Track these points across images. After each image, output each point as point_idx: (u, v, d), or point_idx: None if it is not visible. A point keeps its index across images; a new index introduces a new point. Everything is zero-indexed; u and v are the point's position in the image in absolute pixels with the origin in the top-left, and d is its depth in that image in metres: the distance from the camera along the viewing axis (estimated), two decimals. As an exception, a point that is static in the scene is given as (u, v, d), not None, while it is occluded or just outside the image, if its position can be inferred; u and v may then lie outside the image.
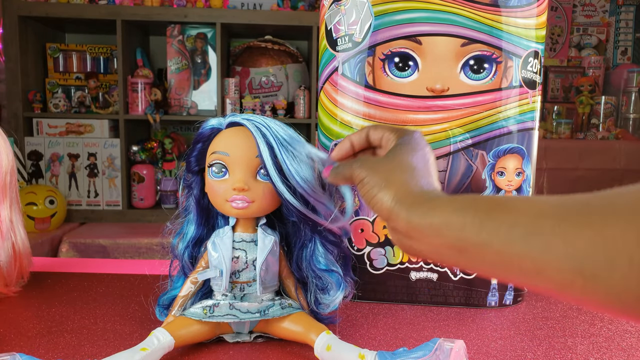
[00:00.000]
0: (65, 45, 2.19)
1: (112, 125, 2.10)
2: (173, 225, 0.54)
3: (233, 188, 0.48)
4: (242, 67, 2.14)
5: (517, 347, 0.52)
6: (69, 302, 0.62)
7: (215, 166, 0.49)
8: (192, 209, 0.53)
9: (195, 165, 0.52)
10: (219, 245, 0.50)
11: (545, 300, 0.66)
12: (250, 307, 0.50)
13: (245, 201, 0.49)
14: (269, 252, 0.50)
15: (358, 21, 0.61)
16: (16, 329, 0.54)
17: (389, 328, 0.57)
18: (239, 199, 0.49)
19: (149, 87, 2.05)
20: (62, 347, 0.50)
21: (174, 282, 0.54)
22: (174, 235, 0.54)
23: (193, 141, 0.52)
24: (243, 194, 0.49)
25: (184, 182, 0.54)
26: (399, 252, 0.63)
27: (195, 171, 0.52)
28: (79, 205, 2.09)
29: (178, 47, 2.08)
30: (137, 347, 0.45)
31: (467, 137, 0.60)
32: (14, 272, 0.62)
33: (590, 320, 0.60)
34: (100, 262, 0.81)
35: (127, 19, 1.97)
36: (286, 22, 2.01)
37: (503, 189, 0.61)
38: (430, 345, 0.42)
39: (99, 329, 0.54)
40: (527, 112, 0.61)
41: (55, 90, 2.11)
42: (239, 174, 0.49)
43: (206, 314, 0.50)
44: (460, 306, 0.63)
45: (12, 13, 1.92)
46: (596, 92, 2.46)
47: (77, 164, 2.07)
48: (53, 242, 1.87)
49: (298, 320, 0.50)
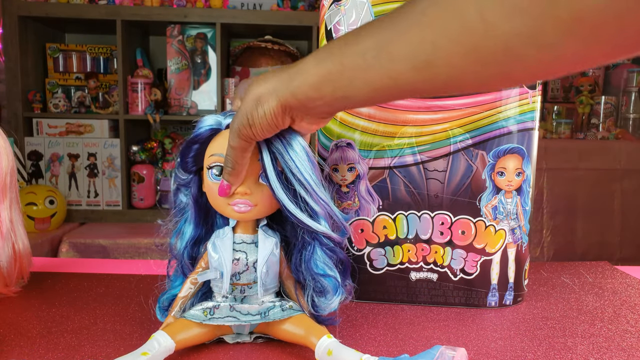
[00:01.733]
0: (65, 45, 2.19)
1: (112, 125, 2.10)
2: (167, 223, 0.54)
3: (235, 192, 0.48)
4: (242, 67, 2.14)
5: (517, 347, 0.52)
6: (69, 303, 0.61)
7: (215, 168, 0.49)
8: (189, 208, 0.52)
9: (192, 166, 0.51)
10: (219, 246, 0.50)
11: (545, 301, 0.66)
12: (251, 309, 0.50)
13: (248, 205, 0.49)
14: (270, 254, 0.50)
15: (358, 21, 0.61)
16: (16, 329, 0.54)
17: (388, 328, 0.57)
18: (241, 202, 0.48)
19: (149, 87, 2.05)
20: (62, 348, 0.50)
21: (172, 282, 0.54)
22: (171, 234, 0.53)
23: (189, 141, 0.50)
24: (246, 197, 0.48)
25: (178, 181, 0.52)
26: (399, 253, 0.63)
27: (193, 171, 0.52)
28: (78, 206, 2.09)
29: (178, 47, 2.08)
30: (137, 351, 0.45)
31: (467, 137, 0.60)
32: (14, 272, 0.62)
33: (591, 321, 0.60)
34: (100, 262, 0.81)
35: (127, 19, 1.97)
36: (286, 22, 2.01)
37: (503, 189, 0.61)
38: (432, 353, 0.42)
39: (99, 329, 0.54)
40: (527, 112, 0.61)
41: (55, 90, 2.11)
42: None
43: (206, 315, 0.49)
44: (460, 306, 0.63)
45: (12, 13, 1.92)
46: (596, 92, 2.46)
47: (77, 164, 2.07)
48: (53, 242, 1.87)
49: (299, 323, 0.50)
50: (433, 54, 0.32)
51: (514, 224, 0.62)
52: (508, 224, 0.62)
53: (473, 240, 0.62)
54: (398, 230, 0.63)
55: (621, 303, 0.66)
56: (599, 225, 1.94)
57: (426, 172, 0.61)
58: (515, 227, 0.62)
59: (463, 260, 0.62)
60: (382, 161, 0.61)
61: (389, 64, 0.34)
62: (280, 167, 0.48)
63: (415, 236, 0.62)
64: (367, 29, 0.36)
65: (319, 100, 0.40)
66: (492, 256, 0.62)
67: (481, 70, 0.31)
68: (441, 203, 0.62)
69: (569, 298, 0.67)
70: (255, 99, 0.42)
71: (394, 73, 0.34)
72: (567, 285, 0.72)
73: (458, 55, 0.31)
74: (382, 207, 0.62)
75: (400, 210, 0.62)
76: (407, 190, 0.62)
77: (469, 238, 0.62)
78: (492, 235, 0.62)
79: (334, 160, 0.62)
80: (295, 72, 0.40)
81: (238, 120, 0.43)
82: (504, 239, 0.62)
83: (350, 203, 0.63)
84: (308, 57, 0.40)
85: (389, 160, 0.61)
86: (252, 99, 0.42)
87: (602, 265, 0.82)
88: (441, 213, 0.62)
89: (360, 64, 0.36)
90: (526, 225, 0.63)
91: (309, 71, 0.39)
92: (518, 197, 0.61)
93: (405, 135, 0.61)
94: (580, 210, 1.94)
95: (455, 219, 0.62)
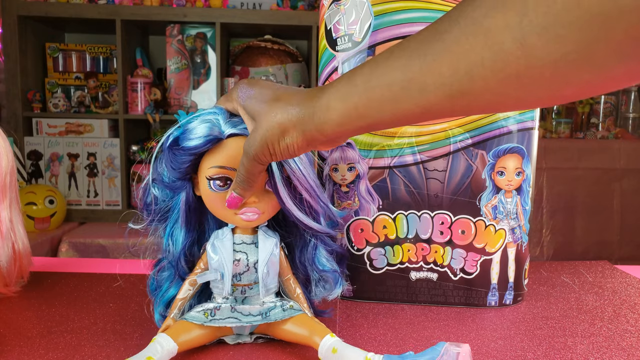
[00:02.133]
0: (65, 45, 2.19)
1: (112, 125, 2.10)
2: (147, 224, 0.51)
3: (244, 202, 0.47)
4: (242, 66, 2.14)
5: (517, 347, 0.52)
6: (69, 302, 0.61)
7: (219, 180, 0.47)
8: (181, 213, 0.50)
9: (184, 175, 0.49)
10: (219, 247, 0.49)
11: (545, 300, 0.66)
12: (252, 310, 0.50)
13: (256, 213, 0.48)
14: (271, 254, 0.50)
15: (358, 21, 0.60)
16: (16, 329, 0.54)
17: (389, 328, 0.56)
18: (250, 211, 0.48)
19: (149, 87, 2.04)
20: (62, 348, 0.50)
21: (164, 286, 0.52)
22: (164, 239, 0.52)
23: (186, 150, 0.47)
24: (254, 206, 0.48)
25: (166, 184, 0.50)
26: (398, 252, 0.63)
27: (187, 178, 0.50)
28: (78, 205, 2.09)
29: (177, 47, 2.07)
30: (141, 355, 0.45)
31: (467, 137, 0.60)
32: (14, 272, 0.62)
33: (590, 320, 0.60)
34: (100, 262, 0.81)
35: (126, 19, 1.97)
36: (286, 21, 2.01)
37: (503, 189, 0.61)
38: (438, 350, 0.42)
39: (99, 329, 0.54)
40: (526, 112, 0.60)
41: (55, 90, 2.11)
42: None
43: (207, 317, 0.49)
44: (460, 306, 0.63)
45: (12, 13, 1.92)
46: (595, 91, 2.45)
47: (76, 163, 2.07)
48: (53, 242, 1.87)
49: (301, 323, 0.50)
50: (469, 84, 0.30)
51: (514, 224, 0.62)
52: (508, 223, 0.62)
53: (473, 239, 0.62)
54: (398, 230, 0.63)
55: (621, 302, 0.66)
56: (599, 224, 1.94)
57: (426, 172, 0.61)
58: (515, 226, 0.62)
59: (463, 259, 0.62)
60: (382, 161, 0.61)
61: (419, 95, 0.32)
62: (286, 173, 0.47)
63: (415, 236, 0.62)
64: (393, 57, 0.34)
65: (345, 133, 0.39)
66: (492, 256, 0.62)
67: (525, 94, 0.29)
68: (441, 203, 0.61)
69: (569, 297, 0.67)
70: (278, 130, 0.40)
71: (425, 103, 0.32)
72: (567, 285, 0.72)
73: (497, 83, 0.29)
74: (382, 207, 0.62)
75: (400, 210, 0.62)
76: (407, 190, 0.62)
77: (469, 238, 0.62)
78: (492, 234, 0.62)
79: (333, 159, 0.62)
80: (319, 107, 0.38)
81: (257, 147, 0.41)
82: (503, 238, 0.62)
83: (350, 203, 0.63)
84: (330, 90, 0.38)
85: (389, 160, 0.61)
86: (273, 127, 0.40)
87: (602, 265, 0.82)
88: (441, 213, 0.62)
89: (388, 97, 0.34)
90: (526, 225, 0.63)
91: (334, 107, 0.37)
92: (518, 197, 0.61)
93: (405, 135, 0.61)
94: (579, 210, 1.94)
95: (455, 219, 0.62)
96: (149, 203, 0.51)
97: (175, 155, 0.48)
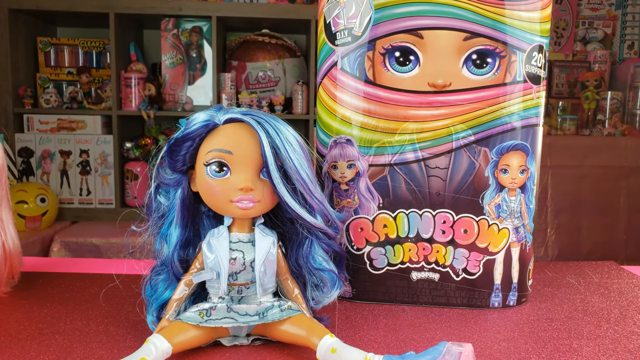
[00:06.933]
0: (57, 39, 2.16)
1: (105, 122, 2.08)
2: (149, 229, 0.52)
3: (240, 188, 0.47)
4: (239, 61, 2.12)
5: (521, 349, 0.51)
6: (61, 303, 0.60)
7: (215, 164, 0.47)
8: (174, 210, 0.51)
9: (182, 165, 0.49)
10: (215, 246, 0.48)
11: (549, 301, 0.65)
12: (249, 310, 0.49)
13: (252, 201, 0.48)
14: (268, 253, 0.49)
15: (357, 14, 0.59)
16: (6, 331, 0.53)
17: (389, 329, 0.56)
18: (246, 199, 0.47)
19: (143, 82, 2.02)
20: (54, 350, 0.49)
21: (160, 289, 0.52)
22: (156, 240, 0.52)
23: (180, 138, 0.48)
24: (250, 193, 0.47)
25: (165, 181, 0.51)
26: (399, 252, 0.62)
27: (182, 170, 0.50)
28: (70, 204, 2.07)
29: (173, 41, 2.05)
30: (135, 356, 0.44)
31: (470, 134, 0.59)
32: (4, 272, 0.61)
33: (596, 322, 0.59)
34: (93, 262, 0.80)
35: (120, 12, 1.95)
36: (284, 15, 1.99)
37: (506, 187, 0.60)
38: (439, 349, 0.42)
39: (92, 330, 0.53)
40: (531, 108, 0.60)
41: (47, 85, 2.08)
42: (246, 173, 0.47)
43: (203, 317, 0.48)
44: (462, 307, 0.62)
45: (2, 6, 1.90)
46: (602, 87, 2.44)
47: (68, 161, 2.05)
48: (44, 242, 1.85)
49: (299, 323, 0.49)
50: None
51: (518, 223, 0.61)
52: (511, 222, 0.60)
53: (476, 239, 0.61)
54: (399, 229, 0.61)
55: (628, 304, 0.65)
56: (605, 223, 1.93)
57: (427, 170, 0.60)
58: (519, 225, 0.61)
59: (465, 259, 0.61)
60: (383, 158, 0.60)
61: None
62: (280, 162, 0.47)
63: (416, 235, 0.61)
64: None
65: None
66: (495, 255, 0.61)
67: None
68: (443, 201, 0.60)
69: (574, 299, 0.66)
70: None
71: None
72: (572, 286, 0.71)
73: None
74: (383, 205, 0.61)
75: (401, 209, 0.61)
76: (408, 188, 0.61)
77: (472, 237, 0.61)
78: (495, 234, 0.60)
79: (333, 157, 0.61)
80: None
81: None
82: (507, 238, 0.61)
83: (350, 201, 0.62)
84: None
85: (390, 157, 0.60)
86: None
87: (608, 265, 0.81)
88: (443, 211, 0.61)
89: None
90: (530, 224, 0.62)
91: None
92: (522, 195, 0.60)
93: (406, 132, 0.60)
94: (585, 209, 1.93)
95: (457, 218, 0.60)
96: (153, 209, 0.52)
97: (174, 145, 0.49)
